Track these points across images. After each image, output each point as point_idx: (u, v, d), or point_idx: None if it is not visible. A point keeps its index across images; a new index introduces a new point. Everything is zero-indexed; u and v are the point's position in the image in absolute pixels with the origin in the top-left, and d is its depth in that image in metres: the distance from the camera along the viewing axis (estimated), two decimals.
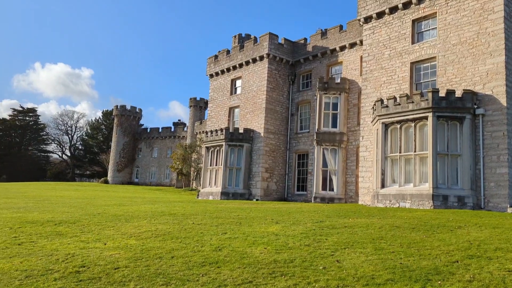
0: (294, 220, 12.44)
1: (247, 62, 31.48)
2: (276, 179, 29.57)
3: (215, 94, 34.66)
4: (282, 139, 30.22)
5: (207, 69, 35.67)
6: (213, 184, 30.68)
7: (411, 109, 18.77)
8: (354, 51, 27.05)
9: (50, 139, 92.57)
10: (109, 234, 10.11)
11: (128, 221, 12.53)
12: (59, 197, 27.07)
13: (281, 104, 30.44)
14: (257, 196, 28.50)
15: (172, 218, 13.24)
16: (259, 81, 30.27)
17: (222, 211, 16.18)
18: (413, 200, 18.03)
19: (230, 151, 29.96)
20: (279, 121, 30.17)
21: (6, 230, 10.63)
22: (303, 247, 7.91)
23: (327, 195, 25.68)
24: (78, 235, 9.94)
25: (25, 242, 8.87)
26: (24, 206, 18.10)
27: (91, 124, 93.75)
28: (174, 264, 6.62)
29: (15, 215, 14.29)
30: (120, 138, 66.17)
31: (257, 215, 14.21)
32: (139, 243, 8.73)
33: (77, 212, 15.47)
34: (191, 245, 8.31)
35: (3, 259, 7.15)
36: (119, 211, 16.03)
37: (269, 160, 29.30)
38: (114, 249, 7.99)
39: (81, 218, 13.07)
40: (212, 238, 9.07)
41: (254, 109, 30.29)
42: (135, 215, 14.36)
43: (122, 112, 66.59)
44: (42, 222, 12.18)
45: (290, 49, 30.96)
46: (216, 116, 34.07)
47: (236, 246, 8.04)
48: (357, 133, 25.80)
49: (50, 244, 8.70)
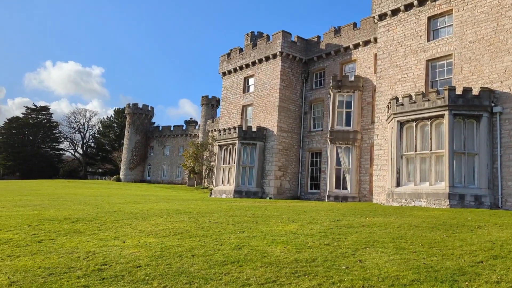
0: (311, 219, 12.37)
1: (260, 60, 31.42)
2: (289, 178, 29.49)
3: (227, 92, 34.67)
4: (295, 137, 30.13)
5: (220, 67, 35.69)
6: (226, 183, 30.72)
7: (427, 107, 18.55)
8: (368, 48, 26.82)
9: (63, 137, 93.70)
10: (127, 232, 10.16)
11: (145, 219, 12.59)
12: (73, 195, 27.35)
13: (294, 103, 30.33)
14: (270, 195, 28.47)
15: (188, 217, 13.26)
16: (272, 79, 30.19)
17: (237, 209, 16.17)
18: (429, 199, 17.83)
19: (243, 149, 29.95)
20: (292, 120, 30.07)
21: (24, 227, 10.74)
22: (323, 246, 7.85)
23: (341, 194, 25.54)
24: (96, 233, 10.01)
25: (45, 240, 8.95)
26: (40, 204, 18.31)
27: (103, 122, 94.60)
28: (195, 263, 6.61)
29: (32, 212, 14.45)
30: (132, 136, 66.61)
31: (272, 214, 14.17)
32: (157, 241, 8.75)
33: (92, 210, 15.59)
34: (210, 243, 8.30)
35: (25, 257, 7.22)
36: (135, 209, 16.13)
37: (282, 159, 29.24)
38: (134, 247, 8.02)
39: (98, 216, 13.17)
40: (231, 237, 9.05)
41: (267, 107, 30.23)
42: (151, 213, 14.42)
43: (134, 110, 67.01)
44: (59, 219, 12.30)
45: (303, 47, 30.81)
46: (229, 115, 34.09)
47: (255, 245, 8.00)
48: (371, 131, 25.59)
49: (69, 241, 8.76)
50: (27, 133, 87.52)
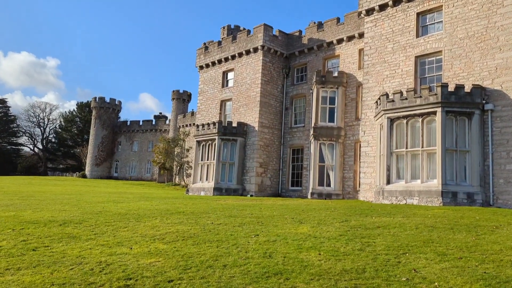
0: (317, 220, 11.79)
1: (240, 54, 30.58)
2: (271, 174, 28.91)
3: (205, 86, 33.60)
4: (277, 133, 29.56)
5: (197, 60, 34.52)
6: (204, 180, 29.75)
7: (418, 104, 18.41)
8: (352, 44, 26.58)
9: (21, 131, 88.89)
10: (127, 236, 9.20)
11: (138, 221, 11.59)
12: (42, 193, 25.54)
13: (276, 98, 29.73)
14: (252, 192, 27.78)
15: (185, 217, 12.37)
16: (253, 73, 29.44)
17: (230, 208, 15.39)
18: (421, 196, 17.72)
19: (223, 145, 29.08)
20: (273, 115, 29.47)
21: (9, 231, 9.53)
22: (358, 253, 7.25)
23: (324, 191, 25.22)
24: (94, 238, 8.98)
25: (40, 247, 7.86)
26: (11, 204, 16.75)
27: (65, 116, 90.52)
28: (233, 275, 5.83)
29: (7, 214, 13.06)
30: (99, 131, 63.92)
31: (272, 214, 13.50)
32: (169, 247, 7.87)
33: (74, 210, 14.35)
34: (232, 250, 7.51)
35: (28, 270, 6.17)
36: (120, 209, 15.00)
37: (263, 155, 28.60)
38: (148, 256, 7.11)
39: (85, 218, 12.03)
40: (249, 242, 8.29)
41: (248, 103, 29.46)
42: (141, 213, 13.39)
43: (101, 104, 64.28)
44: (43, 222, 11.09)
45: (285, 41, 30.24)
46: (207, 109, 33.05)
47: (284, 252, 7.29)
48: (355, 128, 25.40)
49: (70, 249, 7.72)
50: None
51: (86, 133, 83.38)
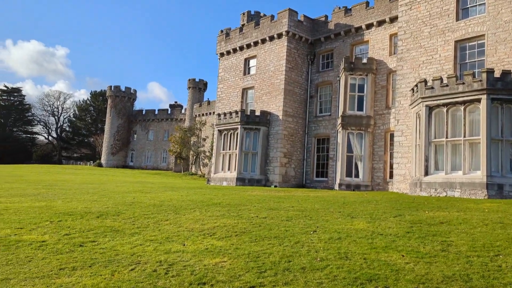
0: (367, 214, 11.01)
1: (263, 40, 29.63)
2: (295, 165, 28.13)
3: (226, 74, 32.77)
4: (301, 122, 28.70)
5: (217, 47, 33.65)
6: (226, 170, 29.08)
7: (461, 91, 17.40)
8: (383, 29, 25.48)
9: (36, 120, 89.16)
10: (173, 231, 8.54)
11: (177, 213, 10.95)
12: (63, 182, 25.15)
13: (300, 86, 28.81)
14: (275, 183, 27.06)
15: (224, 210, 11.70)
16: (277, 60, 28.52)
17: (264, 200, 14.70)
18: (464, 189, 16.82)
19: (246, 135, 28.32)
20: (297, 104, 28.59)
21: (47, 224, 8.93)
22: (444, 254, 6.46)
23: (353, 182, 24.40)
24: (138, 232, 8.34)
25: (86, 242, 7.22)
26: (37, 193, 16.27)
27: (78, 105, 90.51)
28: (320, 281, 5.09)
29: (38, 204, 12.52)
30: (114, 120, 63.58)
31: (313, 207, 12.75)
32: (226, 244, 7.17)
33: (105, 200, 13.78)
34: (298, 249, 6.78)
35: (83, 270, 5.50)
36: (151, 199, 14.40)
37: (287, 145, 27.80)
38: (209, 254, 6.42)
39: (121, 209, 11.42)
40: (312, 239, 7.55)
41: (271, 90, 28.60)
42: (175, 205, 12.76)
43: (116, 93, 63.81)
44: (79, 213, 10.49)
45: (310, 27, 29.21)
46: (227, 98, 32.26)
47: (359, 252, 6.54)
48: (385, 116, 24.44)
49: (119, 245, 7.07)
50: None
51: (100, 122, 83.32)
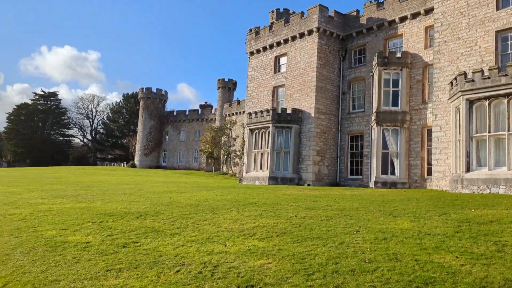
0: (410, 212, 10.63)
1: (294, 38, 29.35)
2: (328, 163, 27.73)
3: (256, 72, 32.68)
4: (333, 119, 28.25)
5: (247, 46, 33.61)
6: (258, 168, 28.99)
7: (504, 83, 16.60)
8: (417, 22, 24.70)
9: (72, 123, 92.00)
10: (213, 231, 8.49)
11: (215, 213, 10.91)
12: (100, 183, 25.74)
13: (332, 82, 28.36)
14: (308, 181, 26.76)
15: (261, 209, 11.58)
16: (308, 57, 28.18)
17: (300, 199, 14.49)
18: (509, 185, 16.04)
19: (277, 133, 28.13)
20: (330, 100, 28.16)
21: (89, 225, 9.08)
22: (500, 255, 6.10)
23: (389, 180, 23.79)
24: (179, 233, 8.34)
25: (129, 243, 7.26)
26: (77, 194, 16.66)
27: (111, 107, 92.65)
28: (373, 285, 4.87)
29: (79, 205, 12.80)
30: (147, 122, 64.75)
31: (352, 205, 12.45)
32: (268, 245, 7.04)
33: (143, 201, 13.94)
34: (343, 249, 6.57)
35: (129, 271, 5.50)
36: (187, 199, 14.45)
37: (320, 143, 27.43)
38: (252, 255, 6.31)
39: (159, 210, 11.50)
40: (356, 239, 7.31)
41: (303, 88, 28.29)
42: (211, 204, 12.74)
43: (148, 94, 64.96)
44: (119, 214, 10.63)
45: (341, 22, 28.70)
46: (258, 97, 32.17)
47: (409, 253, 6.26)
48: (421, 111, 23.70)
49: (161, 246, 7.07)
50: (36, 120, 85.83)
51: (132, 124, 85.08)
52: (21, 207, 12.21)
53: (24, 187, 20.29)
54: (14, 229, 8.49)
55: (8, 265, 6.02)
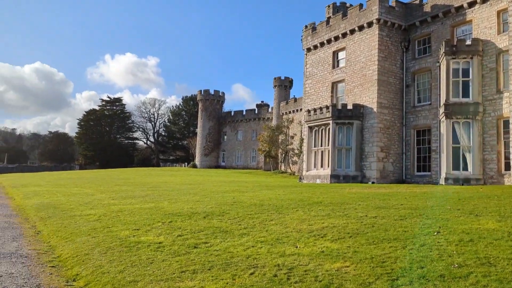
0: (494, 211, 9.74)
1: (352, 31, 28.44)
2: (393, 159, 26.57)
3: (313, 69, 32.11)
4: (397, 114, 27.02)
5: (304, 42, 33.12)
6: (319, 167, 28.44)
7: None
8: (488, 6, 22.92)
9: (136, 126, 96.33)
10: (281, 231, 8.29)
11: (280, 213, 10.70)
12: (165, 183, 26.54)
13: (394, 75, 27.14)
14: (372, 179, 25.80)
15: (328, 209, 11.20)
16: (368, 50, 27.17)
17: (367, 198, 13.88)
18: None
19: (338, 130, 27.41)
20: (392, 94, 26.96)
21: (159, 225, 9.23)
22: None
23: (461, 176, 22.29)
24: (247, 233, 8.22)
25: (199, 244, 7.24)
26: (145, 195, 17.21)
27: (172, 110, 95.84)
28: None
29: (148, 205, 13.17)
30: (205, 123, 66.22)
31: (425, 204, 11.69)
32: (342, 247, 6.70)
33: (207, 201, 14.06)
34: (426, 252, 6.08)
35: (204, 273, 5.42)
36: (250, 199, 14.39)
37: (384, 138, 26.35)
38: (326, 258, 6.01)
39: (224, 209, 11.50)
40: (440, 242, 6.75)
41: (363, 82, 27.33)
42: (276, 204, 12.56)
43: (206, 96, 66.39)
44: (186, 214, 10.75)
45: (402, 12, 27.37)
46: (316, 93, 31.58)
47: (501, 256, 5.65)
48: (496, 102, 21.97)
49: (231, 246, 6.97)
50: (103, 124, 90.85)
51: (192, 125, 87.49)
52: (95, 207, 12.78)
53: (96, 188, 21.39)
54: (91, 229, 8.83)
55: (88, 265, 6.20)
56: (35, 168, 79.06)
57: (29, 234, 9.69)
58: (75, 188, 22.44)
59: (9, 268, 6.44)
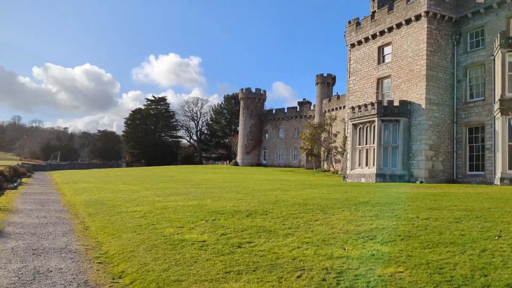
0: None
1: (399, 25, 27.40)
2: (443, 158, 25.37)
3: (358, 65, 31.27)
4: (447, 110, 25.76)
5: (347, 38, 32.35)
6: (364, 165, 27.67)
7: None
8: None
9: (179, 125, 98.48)
10: (327, 232, 7.99)
11: (325, 213, 10.37)
12: (208, 181, 26.76)
13: (444, 70, 25.88)
14: (421, 178, 24.74)
15: (376, 209, 10.74)
16: (416, 44, 26.07)
17: (417, 198, 13.24)
18: None
19: (384, 128, 26.51)
20: (442, 90, 25.72)
21: (203, 223, 9.19)
22: None
23: None
24: (291, 233, 7.98)
25: (243, 244, 7.09)
26: (188, 192, 17.36)
27: (214, 109, 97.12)
28: None
29: (191, 203, 13.22)
30: (247, 121, 66.46)
31: (482, 206, 10.96)
32: (393, 250, 6.31)
33: (250, 199, 13.93)
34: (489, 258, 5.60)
35: (249, 274, 5.24)
36: (293, 198, 14.11)
37: (433, 136, 25.20)
38: (378, 262, 5.66)
39: (267, 208, 11.30)
40: (502, 247, 6.22)
41: (411, 78, 26.26)
42: (320, 203, 12.21)
43: (248, 94, 66.61)
44: (229, 212, 10.66)
45: (453, 3, 26.03)
46: (361, 90, 30.74)
47: None
48: None
49: (276, 247, 6.76)
50: (149, 123, 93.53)
51: (233, 124, 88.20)
52: (141, 204, 12.99)
53: (141, 185, 21.88)
54: (136, 226, 8.92)
55: (134, 262, 6.21)
56: (85, 166, 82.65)
57: (78, 229, 9.96)
58: (122, 185, 23.07)
59: (59, 263, 6.58)
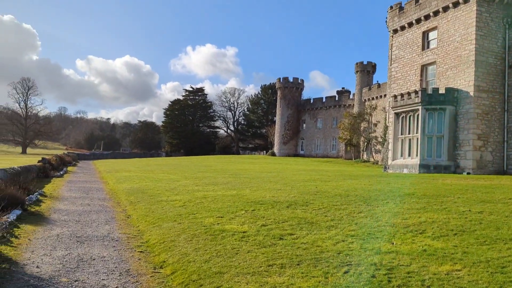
0: None
1: (445, 8, 25.99)
2: (492, 148, 24.01)
3: (400, 52, 30.04)
4: (498, 98, 24.28)
5: (389, 23, 31.10)
6: (406, 156, 26.67)
7: None
8: None
9: (217, 115, 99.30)
10: (373, 225, 7.66)
11: (369, 204, 10.00)
12: (245, 171, 26.73)
13: (495, 55, 24.34)
14: (468, 169, 23.55)
15: (423, 201, 10.23)
16: (464, 28, 24.65)
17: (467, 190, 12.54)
18: None
19: (428, 116, 25.37)
20: (492, 76, 24.24)
21: (242, 213, 9.04)
22: None
23: None
24: (334, 226, 7.69)
25: (285, 235, 6.87)
26: (227, 182, 17.33)
27: (251, 99, 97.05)
28: None
29: (229, 192, 13.14)
30: (284, 111, 65.93)
31: None
32: (447, 245, 5.89)
33: (288, 189, 13.67)
34: None
35: (292, 268, 5.01)
36: (334, 188, 13.74)
37: (481, 125, 23.86)
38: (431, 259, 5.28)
39: (307, 199, 11.03)
40: None
41: (458, 64, 24.91)
42: (363, 194, 11.80)
43: (285, 84, 65.95)
44: (269, 203, 10.46)
45: None
46: (403, 77, 29.55)
47: None
48: None
49: (319, 240, 6.50)
50: (187, 114, 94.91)
51: (270, 114, 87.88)
52: (180, 193, 13.04)
53: (180, 175, 22.12)
54: (177, 215, 8.89)
55: (174, 252, 6.13)
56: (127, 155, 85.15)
57: (120, 218, 10.08)
58: (162, 174, 23.42)
59: (102, 251, 6.61)
